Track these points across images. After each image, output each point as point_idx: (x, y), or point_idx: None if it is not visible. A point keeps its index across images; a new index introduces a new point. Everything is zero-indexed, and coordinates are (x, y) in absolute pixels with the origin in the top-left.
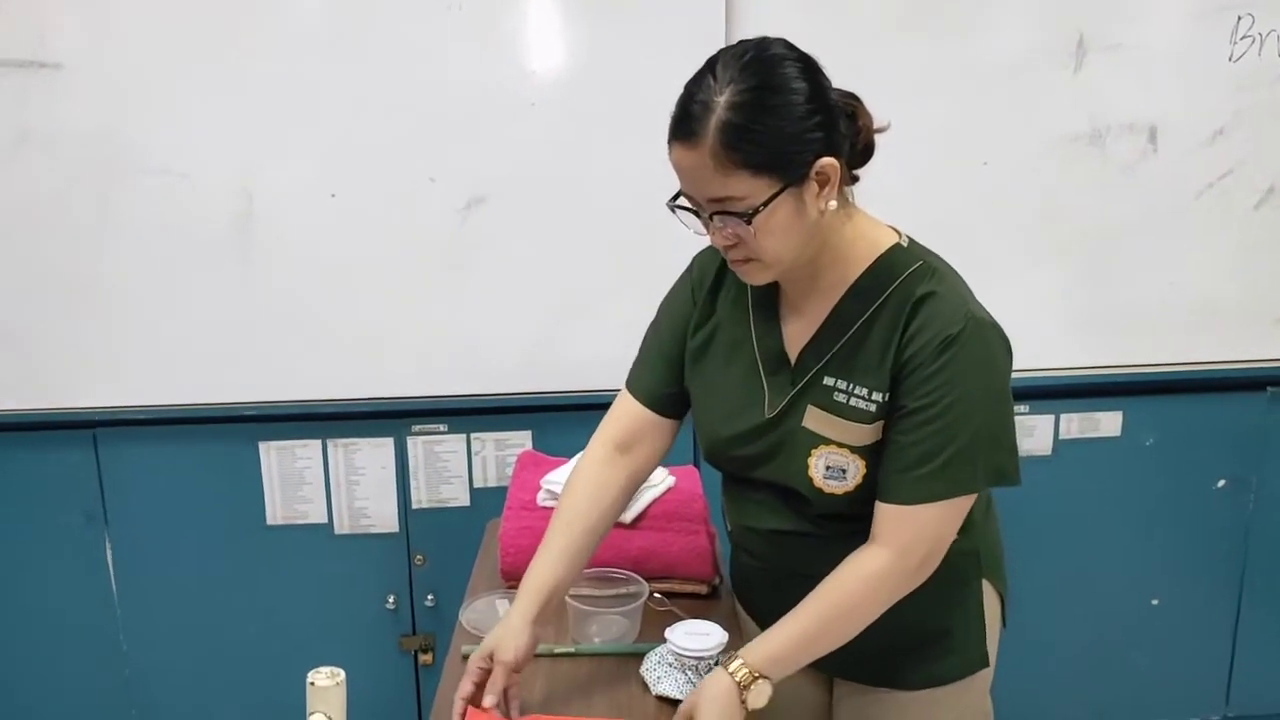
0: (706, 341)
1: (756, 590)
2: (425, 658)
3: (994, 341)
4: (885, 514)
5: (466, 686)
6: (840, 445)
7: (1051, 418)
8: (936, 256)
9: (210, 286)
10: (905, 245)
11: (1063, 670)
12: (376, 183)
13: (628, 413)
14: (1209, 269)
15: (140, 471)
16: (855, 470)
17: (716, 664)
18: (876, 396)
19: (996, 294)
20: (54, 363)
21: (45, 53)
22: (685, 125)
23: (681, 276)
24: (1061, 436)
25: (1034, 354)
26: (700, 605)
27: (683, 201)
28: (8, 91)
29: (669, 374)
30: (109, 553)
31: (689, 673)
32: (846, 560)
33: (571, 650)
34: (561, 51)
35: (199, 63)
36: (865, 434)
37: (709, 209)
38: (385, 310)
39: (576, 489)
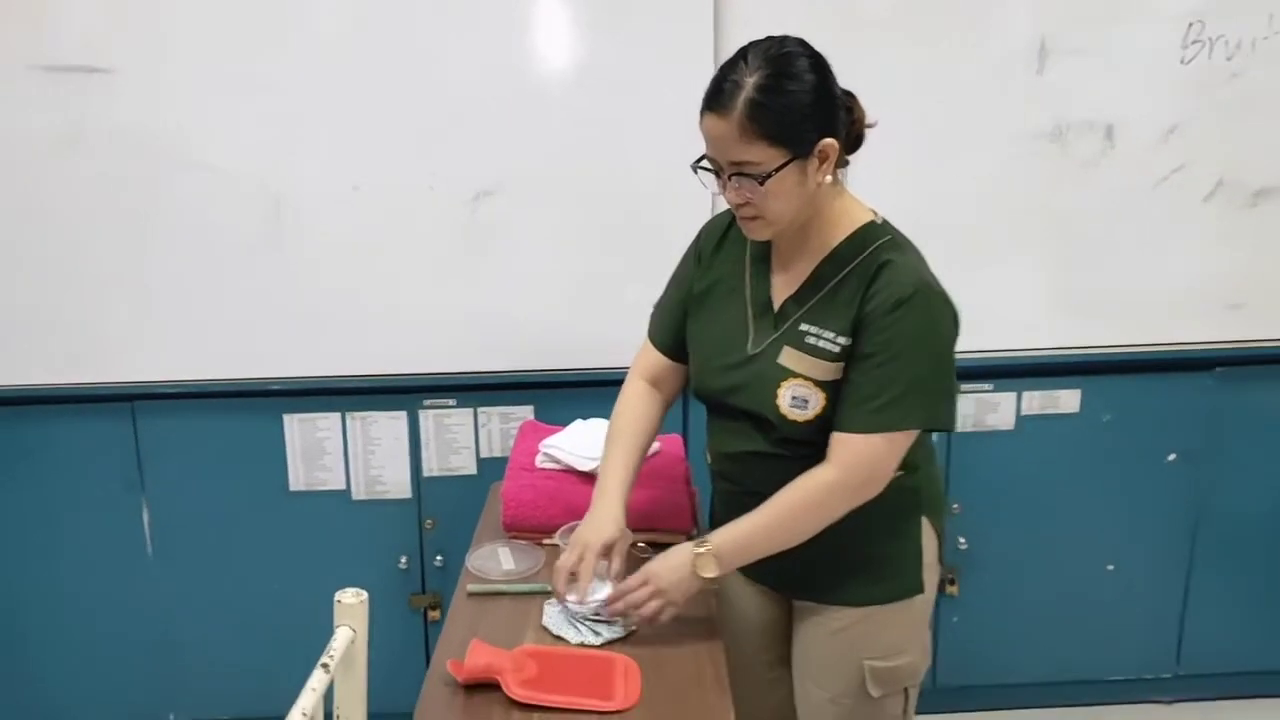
0: (707, 290)
1: (730, 515)
2: (434, 614)
3: (940, 307)
4: (836, 440)
5: (571, 559)
6: (806, 379)
7: (1014, 395)
8: (902, 235)
9: (241, 271)
10: (879, 223)
11: (1025, 629)
12: (394, 177)
13: (651, 358)
14: (1163, 257)
15: (174, 441)
16: (816, 401)
17: (598, 616)
18: (840, 340)
19: (965, 279)
20: (97, 340)
21: (98, 59)
22: (718, 99)
23: (689, 247)
24: (1024, 413)
25: (998, 335)
26: None
27: (705, 164)
28: (65, 94)
29: (679, 326)
30: (145, 516)
31: (575, 621)
32: (801, 475)
33: None
34: (565, 58)
35: (235, 69)
36: (828, 370)
37: (729, 170)
38: (400, 294)
39: (627, 413)
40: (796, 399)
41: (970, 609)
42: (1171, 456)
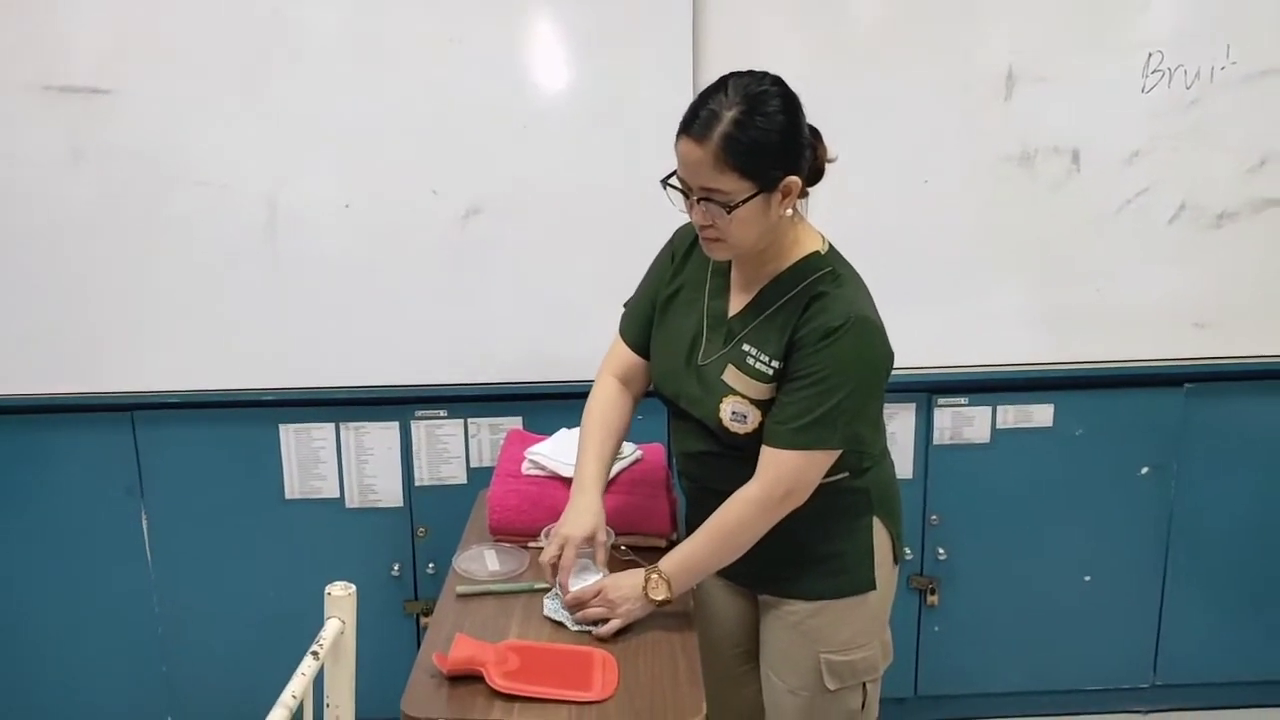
0: (672, 295)
1: (694, 509)
2: (426, 620)
3: (869, 337)
4: (762, 454)
5: (551, 552)
6: (744, 397)
7: (989, 409)
8: (845, 264)
9: (238, 285)
10: (823, 253)
11: (1005, 639)
12: (386, 195)
13: (621, 354)
14: (1130, 277)
15: (174, 450)
16: (753, 417)
17: None
18: (774, 364)
19: (937, 298)
20: (100, 351)
21: (98, 80)
22: (696, 126)
23: (663, 248)
24: (999, 427)
25: (974, 351)
26: (659, 556)
27: (674, 181)
28: (66, 115)
29: (649, 323)
30: (144, 523)
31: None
32: (733, 493)
33: (548, 586)
34: (550, 80)
35: (232, 89)
36: (762, 390)
37: (698, 194)
38: (393, 308)
39: (598, 410)
40: (736, 414)
41: (950, 619)
42: (1144, 470)
